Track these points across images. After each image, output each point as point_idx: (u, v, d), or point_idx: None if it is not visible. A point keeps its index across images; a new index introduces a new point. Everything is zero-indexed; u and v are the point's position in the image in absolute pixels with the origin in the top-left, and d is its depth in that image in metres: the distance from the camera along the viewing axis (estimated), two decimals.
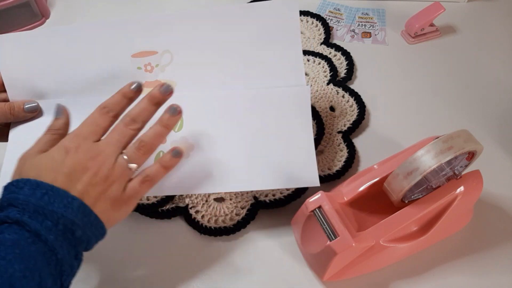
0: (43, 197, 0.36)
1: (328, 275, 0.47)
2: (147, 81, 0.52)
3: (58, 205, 0.36)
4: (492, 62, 0.70)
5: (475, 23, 0.76)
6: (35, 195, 0.36)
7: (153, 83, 0.52)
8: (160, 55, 0.52)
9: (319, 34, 0.74)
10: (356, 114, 0.62)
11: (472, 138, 0.43)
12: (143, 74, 0.52)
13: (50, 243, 0.35)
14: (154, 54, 0.52)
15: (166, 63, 0.52)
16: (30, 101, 0.51)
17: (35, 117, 0.52)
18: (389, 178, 0.45)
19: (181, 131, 0.50)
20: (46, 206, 0.35)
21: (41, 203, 0.35)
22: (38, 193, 0.36)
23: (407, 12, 0.74)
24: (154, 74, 0.52)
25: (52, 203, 0.36)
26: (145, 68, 0.52)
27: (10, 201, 0.36)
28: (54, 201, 0.36)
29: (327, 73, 0.67)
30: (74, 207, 0.36)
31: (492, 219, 0.53)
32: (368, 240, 0.44)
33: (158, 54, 0.52)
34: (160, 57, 0.52)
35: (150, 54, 0.52)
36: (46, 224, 0.35)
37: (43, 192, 0.36)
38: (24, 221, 0.35)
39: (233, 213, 0.54)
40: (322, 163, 0.58)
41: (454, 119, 0.63)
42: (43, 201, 0.35)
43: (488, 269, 0.49)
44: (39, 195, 0.36)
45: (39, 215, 0.35)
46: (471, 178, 0.46)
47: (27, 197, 0.35)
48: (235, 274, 0.50)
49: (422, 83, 0.68)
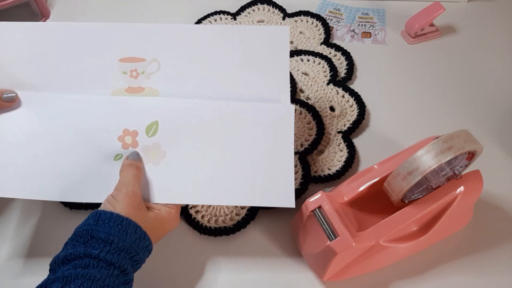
0: (137, 241, 0.42)
1: (328, 275, 0.47)
2: (131, 86, 0.52)
3: (143, 253, 0.42)
4: (492, 62, 0.70)
5: (475, 23, 0.76)
6: (136, 242, 0.42)
7: (137, 89, 0.52)
8: (148, 63, 0.52)
9: (319, 34, 0.74)
10: (356, 114, 0.62)
11: (472, 138, 0.43)
12: (127, 79, 0.52)
13: (124, 267, 0.40)
14: (142, 61, 0.52)
15: (152, 72, 0.52)
16: (9, 91, 0.51)
17: (13, 108, 0.51)
18: (389, 178, 0.45)
19: (155, 136, 0.49)
20: (135, 250, 0.41)
21: (133, 248, 0.41)
22: (138, 241, 0.42)
23: (407, 12, 0.74)
24: (139, 81, 0.52)
25: (142, 249, 0.42)
26: (130, 73, 0.52)
27: (130, 250, 0.41)
28: (142, 247, 0.42)
29: (327, 73, 0.67)
30: (147, 251, 0.43)
31: (492, 219, 0.53)
32: (368, 240, 0.44)
33: (146, 61, 0.52)
34: (147, 65, 0.52)
35: (138, 61, 0.52)
36: (127, 260, 0.41)
37: (139, 238, 0.42)
38: (116, 263, 0.39)
39: (233, 213, 0.54)
40: (322, 163, 0.58)
41: (454, 119, 0.63)
42: (137, 244, 0.41)
43: (488, 269, 0.49)
44: (138, 242, 0.42)
45: (127, 258, 0.41)
46: (471, 178, 0.46)
47: (131, 243, 0.41)
48: (235, 274, 0.50)
49: (422, 83, 0.68)
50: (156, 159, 0.49)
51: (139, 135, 0.49)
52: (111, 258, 0.38)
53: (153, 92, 0.52)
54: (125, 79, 0.52)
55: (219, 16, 0.77)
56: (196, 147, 0.49)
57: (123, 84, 0.52)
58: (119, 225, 0.40)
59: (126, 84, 0.52)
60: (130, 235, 0.40)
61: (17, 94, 0.51)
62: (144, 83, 0.52)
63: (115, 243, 0.39)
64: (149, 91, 0.52)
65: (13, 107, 0.51)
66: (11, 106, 0.51)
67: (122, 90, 0.52)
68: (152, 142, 0.49)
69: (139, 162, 0.47)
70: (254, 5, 0.78)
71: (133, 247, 0.40)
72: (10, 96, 0.51)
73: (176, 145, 0.49)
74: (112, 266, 0.38)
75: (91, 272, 0.37)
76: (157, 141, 0.49)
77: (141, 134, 0.49)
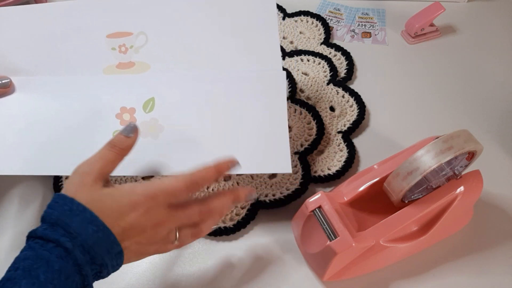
0: (94, 234, 0.35)
1: (328, 275, 0.47)
2: (121, 62, 0.52)
3: (106, 249, 0.36)
4: (492, 62, 0.70)
5: (475, 23, 0.76)
6: (93, 231, 0.35)
7: (127, 64, 0.52)
8: (135, 37, 0.52)
9: (319, 34, 0.74)
10: (356, 114, 0.62)
11: (472, 138, 0.43)
12: (117, 55, 0.52)
13: (85, 275, 0.35)
14: (129, 36, 0.52)
15: (140, 45, 0.52)
16: (3, 77, 0.51)
17: (7, 93, 0.51)
18: (389, 178, 0.45)
19: (152, 112, 0.50)
20: (97, 247, 0.35)
21: (95, 238, 0.35)
22: (90, 229, 0.35)
23: (407, 12, 0.74)
24: (128, 56, 0.52)
25: (101, 244, 0.35)
26: (119, 49, 0.52)
27: (60, 222, 0.35)
28: (107, 245, 0.36)
29: (327, 73, 0.67)
30: (113, 253, 0.36)
31: (492, 219, 0.53)
32: (368, 240, 0.44)
33: (133, 35, 0.52)
34: (134, 39, 0.52)
35: (125, 35, 0.52)
36: (86, 259, 0.35)
37: (94, 230, 0.35)
38: (74, 253, 0.34)
39: (233, 213, 0.54)
40: (322, 163, 0.58)
41: (454, 119, 0.63)
42: (97, 237, 0.35)
43: (488, 269, 0.49)
44: (91, 231, 0.35)
45: (85, 254, 0.35)
46: (471, 178, 0.46)
47: (80, 229, 0.35)
48: (235, 274, 0.50)
49: (422, 83, 0.68)
50: (154, 133, 0.49)
51: (136, 112, 0.50)
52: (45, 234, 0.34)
53: (144, 66, 0.52)
54: (114, 55, 0.52)
55: None
56: (192, 119, 0.50)
57: (113, 60, 0.52)
58: (57, 203, 0.36)
59: (116, 60, 0.52)
60: (59, 207, 0.36)
61: (11, 80, 0.51)
62: (133, 57, 0.52)
63: (47, 219, 0.35)
64: (140, 65, 0.52)
65: (8, 93, 0.51)
66: (6, 92, 0.51)
67: (113, 67, 0.52)
68: (150, 118, 0.50)
69: (124, 142, 0.41)
70: None
71: (64, 220, 0.35)
72: (4, 83, 0.51)
73: (173, 119, 0.50)
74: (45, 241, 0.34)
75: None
76: (154, 117, 0.50)
77: (138, 111, 0.50)
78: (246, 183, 0.55)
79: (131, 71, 0.52)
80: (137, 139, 0.42)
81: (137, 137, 0.42)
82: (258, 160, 0.48)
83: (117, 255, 0.37)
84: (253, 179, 0.56)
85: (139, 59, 0.52)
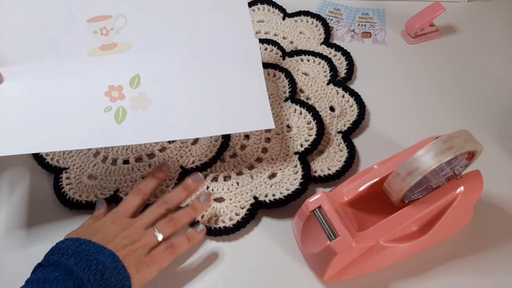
0: (81, 246, 0.43)
1: (328, 275, 0.47)
2: (104, 44, 0.55)
3: (93, 251, 0.42)
4: (492, 62, 0.70)
5: (475, 23, 0.76)
6: (74, 244, 0.43)
7: (109, 45, 0.56)
8: (115, 19, 0.55)
9: (319, 34, 0.74)
10: (356, 114, 0.62)
11: (472, 138, 0.43)
12: (99, 37, 0.55)
13: (80, 279, 0.40)
14: (108, 18, 0.55)
15: (120, 26, 0.56)
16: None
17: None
18: (389, 178, 0.45)
19: (139, 87, 0.54)
20: (83, 252, 0.42)
21: (79, 249, 0.42)
22: (77, 243, 0.43)
23: (407, 12, 0.74)
24: (110, 37, 0.55)
25: (88, 250, 0.42)
26: (100, 32, 0.55)
27: (52, 251, 0.43)
28: (90, 248, 0.42)
29: (327, 73, 0.67)
30: (106, 254, 0.42)
31: (492, 219, 0.53)
32: (368, 240, 0.44)
33: (113, 18, 0.55)
34: (114, 21, 0.55)
35: (105, 18, 0.55)
36: (80, 265, 0.41)
37: (81, 243, 0.43)
38: (61, 262, 0.41)
39: (233, 213, 0.54)
40: (322, 163, 0.58)
41: (454, 119, 0.63)
42: (81, 248, 0.42)
43: (488, 269, 0.49)
44: (78, 244, 0.43)
45: (76, 257, 0.41)
46: (471, 178, 0.46)
47: (68, 246, 0.43)
48: (235, 274, 0.50)
49: (422, 83, 0.68)
50: (144, 106, 0.53)
51: (124, 89, 0.54)
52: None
53: (126, 46, 0.56)
54: (96, 37, 0.55)
55: None
56: (177, 90, 0.54)
57: (96, 43, 0.55)
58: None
59: (99, 42, 0.55)
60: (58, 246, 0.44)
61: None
62: (115, 38, 0.56)
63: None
64: (122, 45, 0.56)
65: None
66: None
67: (97, 49, 0.55)
68: (138, 93, 0.53)
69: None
70: (254, 5, 0.78)
71: None
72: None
73: (160, 91, 0.54)
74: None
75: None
76: (142, 91, 0.54)
77: (126, 87, 0.54)
78: (246, 183, 0.55)
79: (114, 52, 0.56)
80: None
81: (106, 207, 0.52)
82: (242, 120, 0.53)
83: (110, 255, 0.43)
84: (252, 179, 0.56)
85: (121, 40, 0.56)
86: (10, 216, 0.55)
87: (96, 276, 0.40)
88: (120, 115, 0.52)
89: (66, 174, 0.57)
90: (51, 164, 0.58)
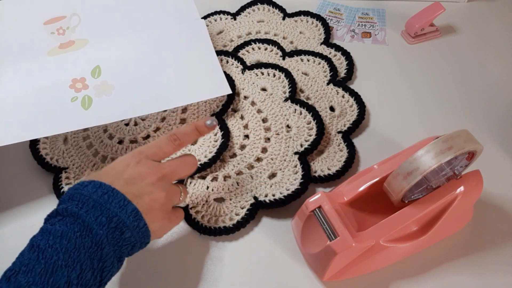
0: (103, 196, 0.40)
1: (328, 275, 0.47)
2: (62, 42, 0.61)
3: (115, 205, 0.39)
4: (492, 62, 0.70)
5: (475, 23, 0.76)
6: (96, 193, 0.40)
7: (67, 43, 0.61)
8: (69, 18, 0.60)
9: (319, 34, 0.74)
10: (356, 114, 0.62)
11: (472, 138, 0.43)
12: (56, 37, 0.60)
13: (99, 237, 0.38)
14: (63, 19, 0.60)
15: (75, 25, 0.61)
16: None
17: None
18: (389, 178, 0.45)
19: (101, 76, 0.58)
20: (104, 204, 0.39)
21: (101, 200, 0.39)
22: (99, 191, 0.40)
23: (407, 12, 0.74)
24: (67, 36, 0.61)
25: (110, 203, 0.39)
26: (57, 32, 0.60)
27: (72, 195, 0.40)
28: (112, 201, 0.39)
29: (327, 73, 0.67)
30: (128, 210, 0.40)
31: (492, 219, 0.53)
32: (368, 240, 0.44)
33: (67, 17, 0.60)
34: (69, 20, 0.60)
35: (60, 19, 0.61)
36: (100, 220, 0.38)
37: (103, 192, 0.40)
38: (81, 214, 0.38)
39: (233, 213, 0.54)
40: (322, 163, 0.58)
41: (454, 119, 0.63)
42: (102, 199, 0.39)
43: (488, 269, 0.49)
44: (100, 193, 0.40)
45: (96, 211, 0.39)
46: (471, 178, 0.46)
47: (90, 193, 0.40)
48: (235, 274, 0.50)
49: (422, 83, 0.68)
50: (107, 91, 0.57)
51: (87, 80, 0.58)
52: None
53: (83, 42, 0.61)
54: (54, 38, 0.60)
55: (219, 16, 0.77)
56: (136, 72, 0.59)
57: (54, 43, 0.60)
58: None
59: (57, 42, 0.60)
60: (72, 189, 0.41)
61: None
62: (72, 36, 0.61)
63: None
64: (79, 42, 0.61)
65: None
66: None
67: (56, 48, 0.60)
68: (100, 81, 0.58)
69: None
70: (254, 5, 0.78)
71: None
72: None
73: (120, 77, 0.59)
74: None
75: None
76: (104, 79, 0.58)
77: (88, 78, 0.58)
78: (246, 183, 0.55)
79: (73, 48, 0.60)
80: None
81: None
82: (200, 90, 0.58)
83: (132, 212, 0.40)
84: (252, 179, 0.56)
85: (77, 37, 0.61)
86: (10, 216, 0.55)
87: (115, 234, 0.39)
88: (86, 102, 0.57)
89: (66, 173, 0.57)
90: (50, 164, 0.58)
